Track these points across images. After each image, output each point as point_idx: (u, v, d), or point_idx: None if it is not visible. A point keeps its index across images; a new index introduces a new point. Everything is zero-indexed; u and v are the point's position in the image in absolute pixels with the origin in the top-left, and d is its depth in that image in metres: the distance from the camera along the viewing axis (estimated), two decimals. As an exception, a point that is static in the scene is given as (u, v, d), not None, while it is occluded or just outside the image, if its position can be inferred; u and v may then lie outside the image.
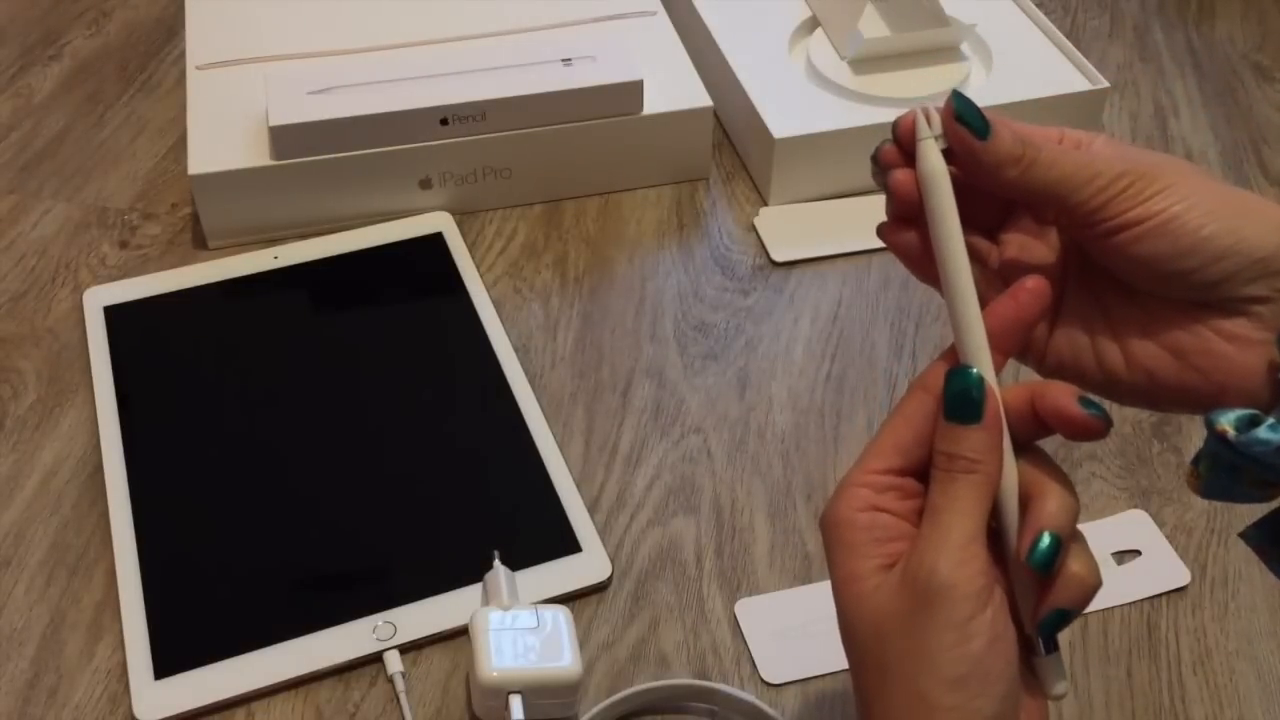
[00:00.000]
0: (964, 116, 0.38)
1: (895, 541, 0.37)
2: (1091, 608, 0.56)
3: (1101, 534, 0.59)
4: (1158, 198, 0.37)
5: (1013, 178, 0.38)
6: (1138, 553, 0.59)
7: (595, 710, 0.52)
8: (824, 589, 0.55)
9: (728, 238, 0.75)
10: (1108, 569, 0.58)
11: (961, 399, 0.37)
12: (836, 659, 0.54)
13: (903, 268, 0.44)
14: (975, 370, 0.37)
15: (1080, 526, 0.61)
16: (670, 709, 0.53)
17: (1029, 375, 0.42)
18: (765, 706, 0.52)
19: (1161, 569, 0.58)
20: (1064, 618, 0.37)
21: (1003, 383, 0.38)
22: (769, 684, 0.54)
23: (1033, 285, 0.38)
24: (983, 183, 0.39)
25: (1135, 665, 0.55)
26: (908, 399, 0.39)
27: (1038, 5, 0.89)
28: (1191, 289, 0.37)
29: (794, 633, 0.55)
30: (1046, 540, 0.36)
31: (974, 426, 0.37)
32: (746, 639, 0.55)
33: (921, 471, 0.38)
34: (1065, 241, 0.41)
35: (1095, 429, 0.37)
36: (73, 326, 0.69)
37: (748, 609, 0.56)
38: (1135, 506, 0.61)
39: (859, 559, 0.37)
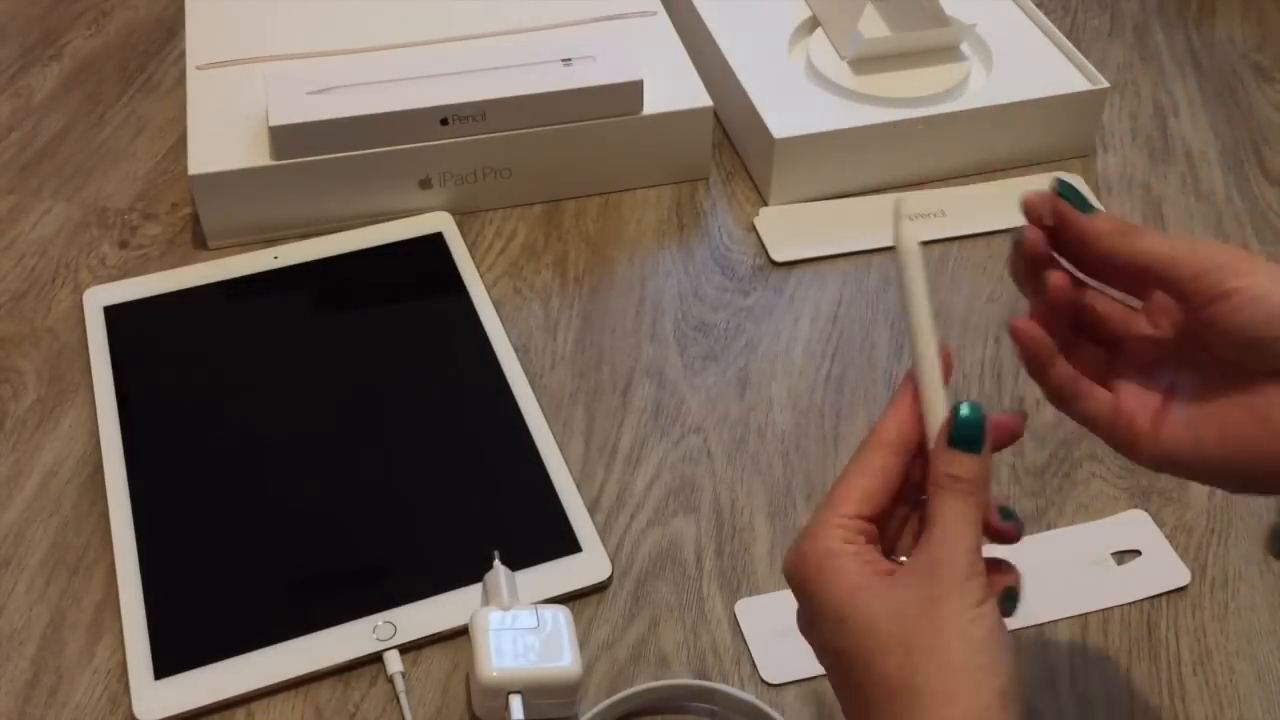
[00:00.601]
0: (1066, 195, 0.43)
1: (881, 564, 0.40)
2: (1092, 607, 0.56)
3: (1101, 534, 0.59)
4: (1249, 274, 0.40)
5: (1115, 245, 0.42)
6: (1138, 553, 0.59)
7: (595, 710, 0.52)
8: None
9: (728, 238, 0.75)
10: (1108, 569, 0.58)
11: (969, 431, 0.40)
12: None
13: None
14: (980, 408, 0.40)
15: (1080, 526, 0.61)
16: (670, 709, 0.53)
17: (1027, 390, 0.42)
18: (765, 706, 0.52)
19: (1161, 569, 0.58)
20: (1013, 596, 0.41)
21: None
22: (769, 684, 0.54)
23: (1021, 324, 0.44)
24: (1089, 255, 0.43)
25: (1135, 665, 0.55)
26: (870, 454, 0.42)
27: (1038, 5, 0.89)
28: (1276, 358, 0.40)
29: (793, 632, 0.55)
30: (963, 409, 0.40)
31: (975, 455, 0.40)
32: (746, 639, 0.55)
33: (880, 520, 0.41)
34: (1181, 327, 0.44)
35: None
36: (73, 326, 0.69)
37: (747, 609, 0.56)
38: (1135, 506, 0.61)
39: (860, 573, 0.39)
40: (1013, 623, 0.53)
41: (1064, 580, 0.57)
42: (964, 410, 0.41)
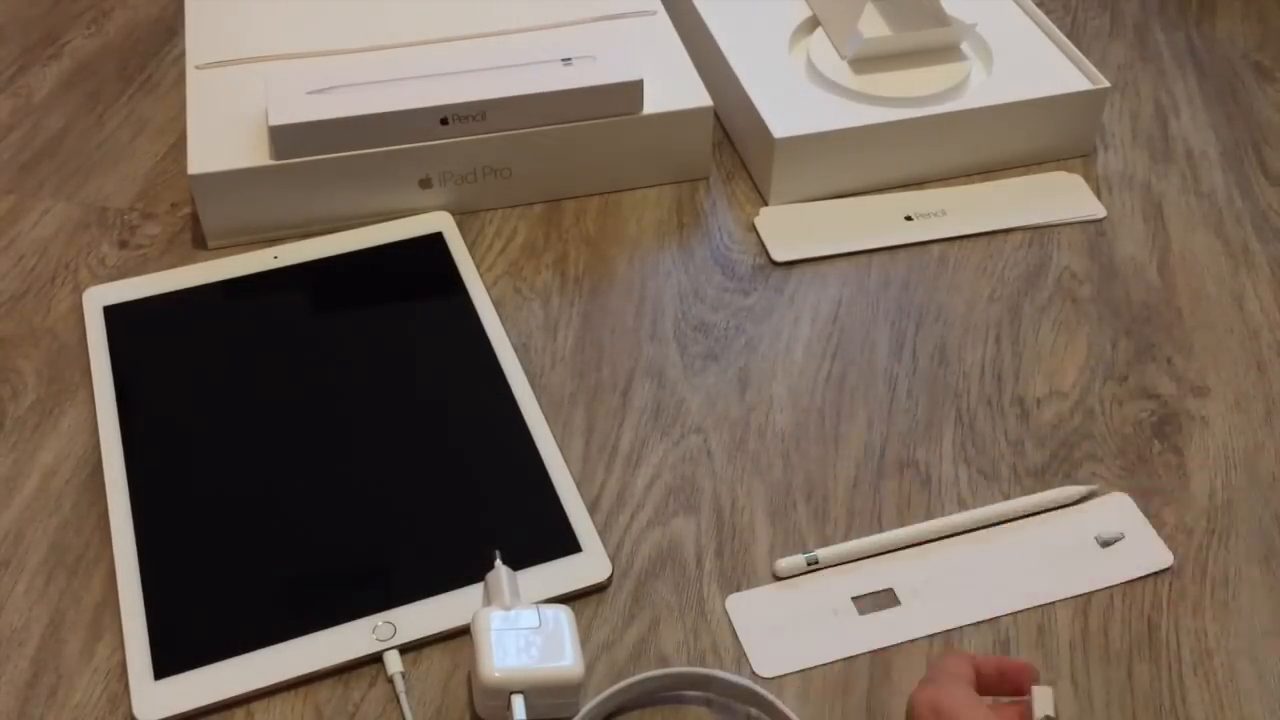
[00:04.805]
0: None
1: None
2: (1080, 590, 0.57)
3: (1084, 518, 0.60)
4: None
5: None
6: (1122, 537, 0.59)
7: (593, 703, 0.51)
8: (814, 581, 0.56)
9: (728, 238, 0.75)
10: (1092, 553, 0.58)
11: None
12: (828, 650, 0.54)
13: (903, 267, 0.45)
14: None
15: (1062, 512, 0.62)
16: (668, 699, 0.53)
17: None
18: (762, 690, 0.52)
19: (1144, 552, 0.58)
20: None
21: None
22: (761, 677, 0.54)
23: None
24: None
25: (1135, 665, 0.55)
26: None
27: (1038, 4, 0.89)
28: None
29: (786, 626, 0.55)
30: None
31: None
32: (738, 633, 0.55)
33: None
34: None
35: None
36: (72, 326, 0.69)
37: (739, 604, 0.56)
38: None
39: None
40: (1009, 606, 0.55)
41: (1049, 564, 0.58)
42: None
